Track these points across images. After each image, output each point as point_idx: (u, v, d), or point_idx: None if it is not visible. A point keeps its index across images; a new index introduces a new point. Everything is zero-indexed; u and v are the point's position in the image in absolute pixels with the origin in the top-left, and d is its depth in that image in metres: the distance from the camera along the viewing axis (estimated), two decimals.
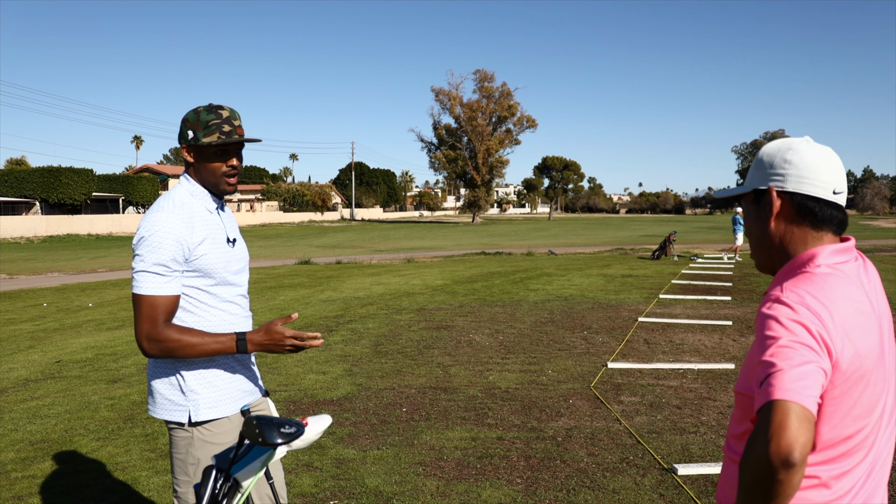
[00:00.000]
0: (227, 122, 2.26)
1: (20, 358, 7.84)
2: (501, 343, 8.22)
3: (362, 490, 4.04)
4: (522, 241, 37.06)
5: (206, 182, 2.32)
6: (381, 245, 34.23)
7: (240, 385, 2.36)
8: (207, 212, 2.32)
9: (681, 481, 4.11)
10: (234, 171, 2.32)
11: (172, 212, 2.21)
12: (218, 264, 2.28)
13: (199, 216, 2.27)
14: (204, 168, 2.30)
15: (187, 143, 2.28)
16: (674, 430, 5.03)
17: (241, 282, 2.42)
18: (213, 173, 2.30)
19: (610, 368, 6.89)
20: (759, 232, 1.52)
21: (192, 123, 2.26)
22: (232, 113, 2.29)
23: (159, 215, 2.20)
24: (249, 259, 2.57)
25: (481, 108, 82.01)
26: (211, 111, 2.26)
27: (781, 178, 1.46)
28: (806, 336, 1.25)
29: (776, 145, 1.51)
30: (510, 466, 4.39)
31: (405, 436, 4.99)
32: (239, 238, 2.46)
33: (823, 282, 1.35)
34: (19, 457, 4.69)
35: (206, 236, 2.26)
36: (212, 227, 2.30)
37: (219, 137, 2.24)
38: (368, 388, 6.30)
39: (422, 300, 12.02)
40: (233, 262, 2.36)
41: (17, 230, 42.44)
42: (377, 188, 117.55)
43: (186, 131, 2.27)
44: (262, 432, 1.77)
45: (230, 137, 2.25)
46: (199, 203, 2.30)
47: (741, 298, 11.95)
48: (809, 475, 1.32)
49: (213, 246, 2.28)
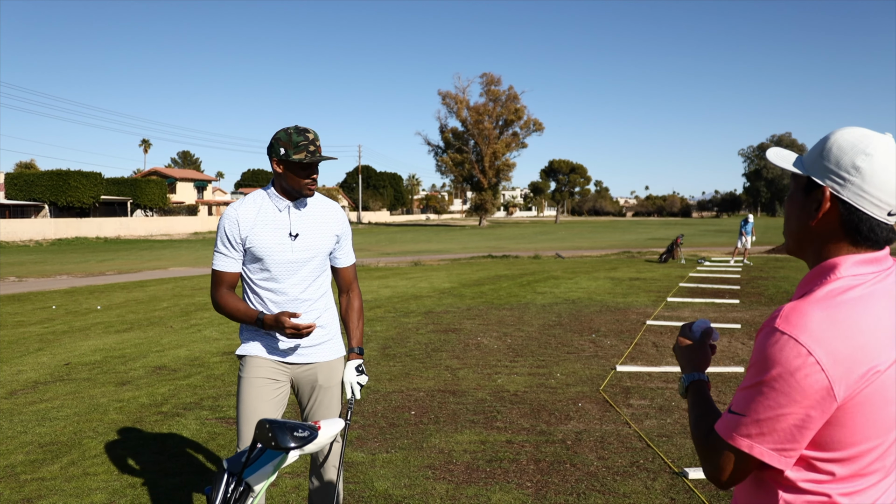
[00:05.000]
0: (312, 143, 2.78)
1: (29, 360, 7.85)
2: (509, 346, 8.20)
3: (372, 493, 4.03)
4: (529, 244, 37.01)
5: (290, 189, 2.86)
6: (388, 248, 34.23)
7: (273, 343, 2.93)
8: (277, 210, 2.88)
9: (692, 485, 4.08)
10: (314, 181, 2.88)
11: (231, 207, 2.89)
12: (271, 252, 2.84)
13: (261, 212, 2.87)
14: (289, 178, 2.82)
15: (278, 158, 2.79)
16: (684, 434, 5.00)
17: (297, 268, 2.90)
18: (297, 183, 2.83)
19: (619, 372, 6.86)
20: (800, 222, 1.40)
21: (284, 143, 2.77)
22: (315, 136, 2.81)
23: (226, 209, 2.87)
24: (327, 250, 3.01)
25: (488, 112, 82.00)
26: (300, 133, 2.77)
27: (842, 182, 1.31)
28: (799, 393, 1.21)
29: (853, 139, 1.33)
30: (520, 470, 4.37)
31: (414, 439, 4.97)
32: (310, 233, 2.93)
33: (839, 303, 1.25)
34: (28, 459, 4.69)
35: (260, 227, 2.84)
36: (275, 222, 2.87)
37: (306, 156, 2.76)
38: (377, 391, 6.28)
39: (429, 303, 12.00)
40: (288, 251, 2.87)
41: (27, 233, 42.62)
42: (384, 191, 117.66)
43: (279, 148, 2.78)
44: (275, 436, 1.76)
45: (314, 157, 2.79)
46: (271, 203, 2.89)
47: (749, 301, 11.89)
48: (818, 493, 1.28)
49: (264, 236, 2.84)
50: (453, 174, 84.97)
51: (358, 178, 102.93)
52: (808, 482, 1.29)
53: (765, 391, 1.24)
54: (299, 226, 2.91)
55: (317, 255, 2.96)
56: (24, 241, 40.74)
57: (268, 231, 2.85)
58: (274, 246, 2.85)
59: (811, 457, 1.28)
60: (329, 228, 3.00)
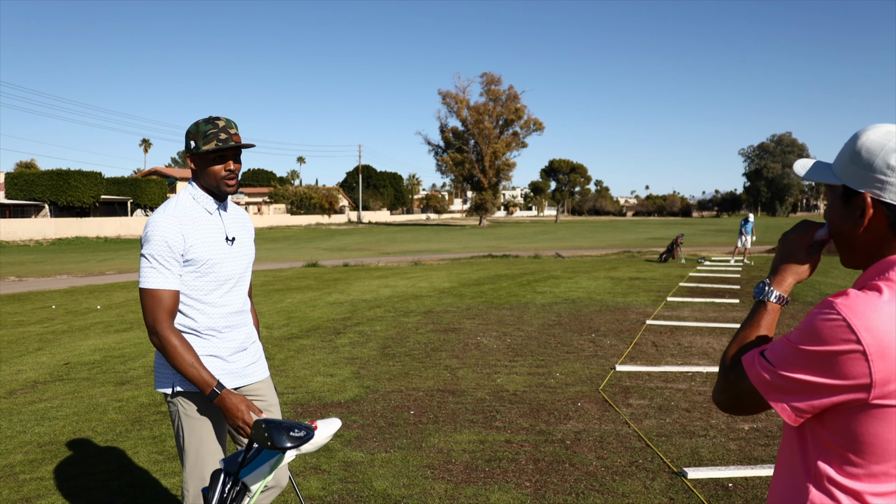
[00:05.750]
0: (224, 130, 2.51)
1: (28, 360, 7.85)
2: (509, 346, 8.20)
3: (370, 493, 4.03)
4: (529, 243, 37.01)
5: (209, 186, 2.58)
6: (388, 248, 34.23)
7: (223, 366, 2.60)
8: (207, 213, 2.59)
9: (691, 485, 4.08)
10: (233, 174, 2.57)
11: (167, 213, 2.50)
12: (212, 259, 2.54)
13: (197, 217, 2.55)
14: (206, 173, 2.55)
15: (190, 153, 2.56)
16: (683, 434, 5.00)
17: (238, 276, 2.67)
18: (213, 177, 2.55)
19: (618, 371, 6.86)
20: (848, 234, 1.36)
21: (193, 135, 2.53)
22: (228, 123, 2.55)
23: (155, 216, 2.50)
24: (253, 258, 2.82)
25: (488, 111, 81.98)
26: (209, 122, 2.52)
27: (881, 185, 1.28)
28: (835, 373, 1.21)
29: (880, 138, 1.29)
30: (519, 470, 4.37)
31: (413, 439, 4.97)
32: (242, 238, 2.72)
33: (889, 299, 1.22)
34: (27, 459, 4.69)
35: (200, 234, 2.53)
36: (209, 226, 2.57)
37: (216, 144, 2.49)
38: (376, 390, 6.28)
39: (429, 303, 12.00)
40: (229, 258, 2.62)
41: (27, 233, 42.62)
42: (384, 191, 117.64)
43: (189, 142, 2.54)
44: (272, 436, 1.76)
45: (226, 144, 2.50)
46: (200, 205, 2.58)
47: (749, 301, 11.88)
48: (849, 489, 1.26)
49: (206, 243, 2.54)
50: (453, 174, 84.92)
51: (358, 177, 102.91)
52: (841, 476, 1.27)
53: (803, 357, 1.24)
54: (233, 229, 2.69)
55: (250, 262, 2.77)
56: (24, 241, 40.74)
57: (207, 236, 2.56)
58: (216, 253, 2.57)
59: (843, 450, 1.26)
60: (251, 233, 2.83)
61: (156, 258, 2.43)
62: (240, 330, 2.69)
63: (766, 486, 4.07)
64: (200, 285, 2.54)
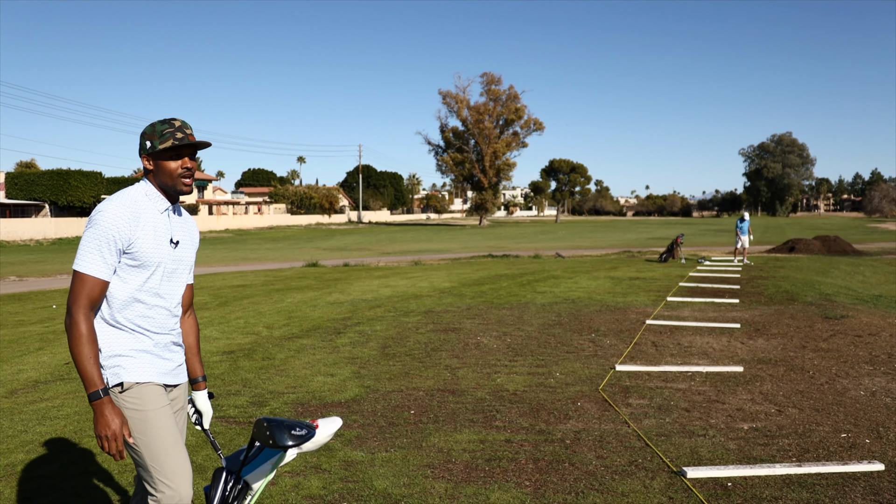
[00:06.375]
0: (180, 129, 2.55)
1: (29, 360, 7.87)
2: (509, 345, 8.21)
3: (371, 492, 4.04)
4: (529, 243, 37.01)
5: (164, 185, 2.59)
6: (388, 248, 34.24)
7: (161, 362, 2.60)
8: (157, 212, 2.59)
9: (690, 484, 4.09)
10: (189, 171, 2.58)
11: (119, 203, 2.49)
12: (151, 259, 2.53)
13: (145, 214, 2.55)
14: (161, 171, 2.56)
15: (146, 153, 2.57)
16: (682, 433, 5.01)
17: (174, 280, 2.66)
18: (169, 175, 2.56)
19: (618, 371, 6.87)
20: None
21: (149, 135, 2.56)
22: (184, 123, 2.59)
23: (107, 205, 2.48)
24: (192, 265, 2.81)
25: (488, 111, 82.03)
26: (164, 123, 2.56)
27: None
28: None
29: None
30: (518, 469, 4.38)
31: (413, 438, 4.98)
32: (186, 243, 2.72)
33: None
34: (29, 458, 4.70)
35: (147, 230, 2.53)
36: (157, 225, 2.57)
37: (173, 142, 2.53)
38: (376, 390, 6.29)
39: (429, 302, 12.01)
40: (168, 260, 2.61)
41: (27, 232, 42.64)
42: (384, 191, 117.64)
43: (145, 142, 2.57)
44: (273, 434, 1.76)
45: (183, 142, 2.53)
46: (151, 203, 2.58)
47: (749, 301, 11.89)
48: None
49: (150, 242, 2.53)
50: (454, 174, 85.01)
51: (358, 177, 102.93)
52: None
53: None
54: (178, 233, 2.69)
55: (189, 267, 2.76)
56: (24, 241, 40.76)
57: (152, 234, 2.56)
58: (157, 252, 2.57)
59: None
60: (195, 240, 2.81)
61: (99, 245, 2.43)
62: (167, 335, 2.65)
63: (766, 485, 4.08)
64: (133, 283, 2.53)
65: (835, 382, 6.43)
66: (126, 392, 2.48)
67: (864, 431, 5.05)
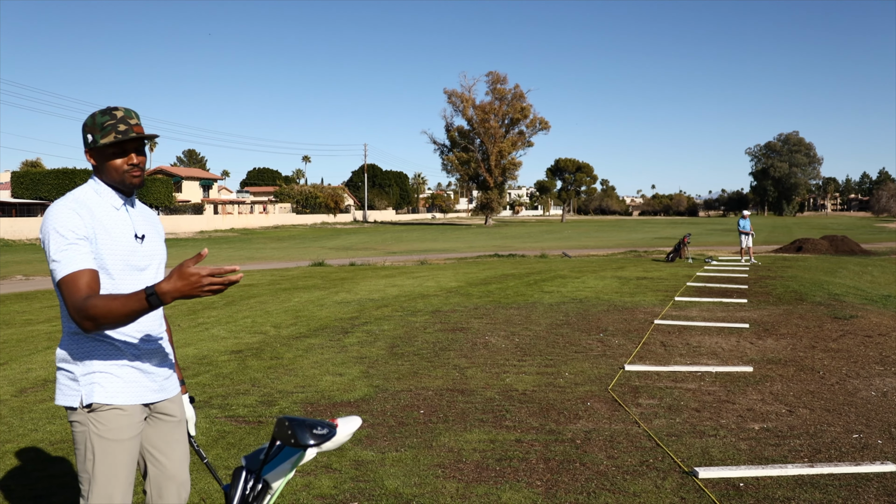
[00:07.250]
0: (123, 121, 2.31)
1: (38, 358, 7.88)
2: (517, 345, 8.20)
3: (382, 492, 4.03)
4: (535, 243, 37.00)
5: (112, 181, 2.37)
6: (394, 247, 34.26)
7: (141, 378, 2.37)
8: (113, 209, 2.37)
9: (702, 484, 4.08)
10: (136, 167, 2.36)
11: (67, 204, 2.28)
12: (116, 258, 2.31)
13: (99, 210, 2.32)
14: (107, 168, 2.34)
15: (89, 148, 2.35)
16: (693, 433, 4.99)
17: (148, 278, 2.43)
18: (116, 171, 2.34)
19: (627, 371, 6.85)
20: None
21: (90, 128, 2.32)
22: (127, 112, 2.34)
23: (55, 208, 2.27)
24: (165, 259, 2.58)
25: (494, 110, 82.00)
26: (105, 113, 2.32)
27: None
28: None
29: None
30: (529, 469, 4.37)
31: (423, 437, 4.98)
32: (153, 235, 2.50)
33: None
34: (39, 457, 4.71)
35: (106, 229, 2.31)
36: (115, 222, 2.35)
37: (115, 137, 2.29)
38: (385, 389, 6.29)
39: (436, 302, 12.01)
40: (137, 256, 2.38)
41: (33, 231, 42.80)
42: (389, 190, 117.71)
43: (87, 136, 2.34)
44: (295, 433, 1.76)
45: (126, 135, 2.30)
46: (104, 200, 2.36)
47: (757, 301, 11.86)
48: None
49: (112, 240, 2.31)
50: (459, 173, 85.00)
51: (364, 176, 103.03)
52: None
53: None
54: (141, 226, 2.46)
55: (161, 263, 2.53)
56: (30, 240, 40.91)
57: (112, 231, 2.33)
58: (125, 249, 2.35)
59: None
60: (161, 233, 2.59)
61: (59, 244, 2.20)
62: (153, 342, 2.46)
63: (778, 485, 4.07)
64: (105, 283, 2.29)
65: (845, 383, 6.41)
66: (95, 413, 2.25)
67: (877, 432, 5.03)
